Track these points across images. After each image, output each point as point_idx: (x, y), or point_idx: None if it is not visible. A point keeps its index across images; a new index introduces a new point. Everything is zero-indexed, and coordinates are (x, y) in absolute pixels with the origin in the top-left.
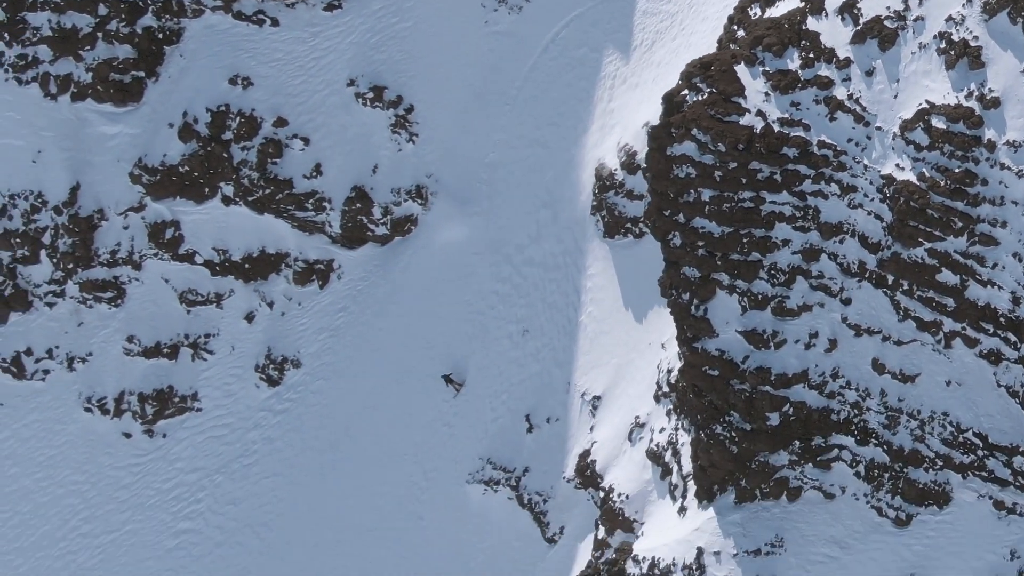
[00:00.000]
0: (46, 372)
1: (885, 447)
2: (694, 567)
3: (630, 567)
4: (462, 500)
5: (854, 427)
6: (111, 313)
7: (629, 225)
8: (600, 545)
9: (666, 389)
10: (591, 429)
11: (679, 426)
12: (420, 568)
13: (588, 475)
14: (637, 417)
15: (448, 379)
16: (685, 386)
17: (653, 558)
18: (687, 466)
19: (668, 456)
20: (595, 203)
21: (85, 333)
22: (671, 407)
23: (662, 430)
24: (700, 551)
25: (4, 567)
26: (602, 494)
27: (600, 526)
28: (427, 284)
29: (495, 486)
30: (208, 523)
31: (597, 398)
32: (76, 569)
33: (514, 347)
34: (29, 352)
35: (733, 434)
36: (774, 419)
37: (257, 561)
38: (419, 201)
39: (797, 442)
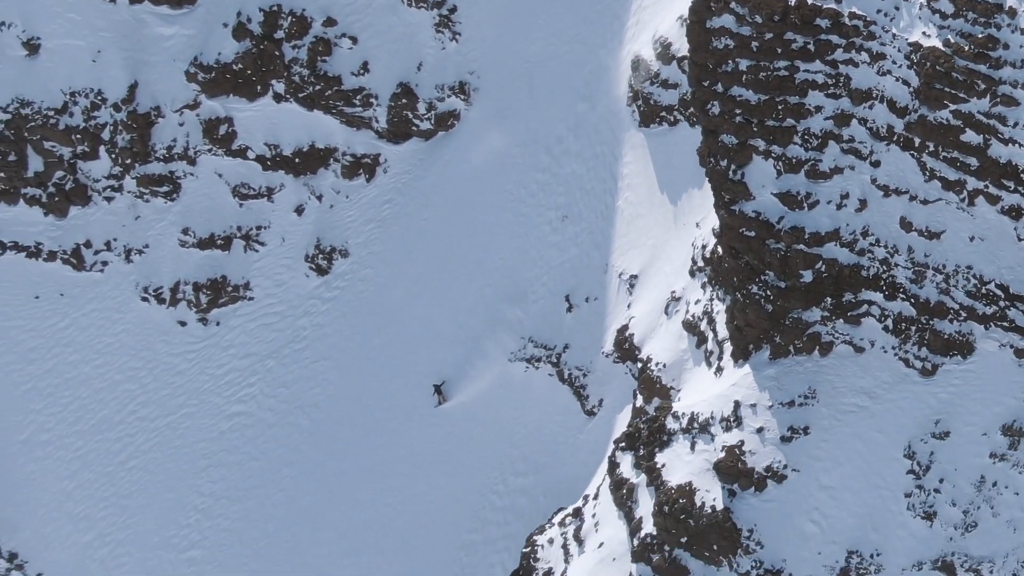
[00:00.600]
0: (104, 264)
1: (912, 301)
2: (731, 419)
3: (670, 423)
4: (504, 378)
5: (883, 282)
6: (167, 207)
7: (664, 114)
8: (638, 413)
9: (700, 264)
10: (628, 306)
11: (713, 297)
12: (466, 444)
13: (626, 348)
14: (673, 292)
15: (438, 389)
16: (721, 256)
17: (692, 413)
18: (722, 332)
19: (703, 325)
20: (631, 94)
21: (142, 226)
22: (705, 280)
23: (697, 302)
24: (737, 404)
25: (64, 449)
26: (640, 365)
27: (638, 395)
28: (469, 176)
29: (536, 363)
30: (260, 406)
31: (634, 277)
32: (134, 451)
33: (553, 232)
34: (88, 244)
35: (768, 293)
36: (807, 276)
37: (308, 440)
38: (461, 97)
39: (829, 299)
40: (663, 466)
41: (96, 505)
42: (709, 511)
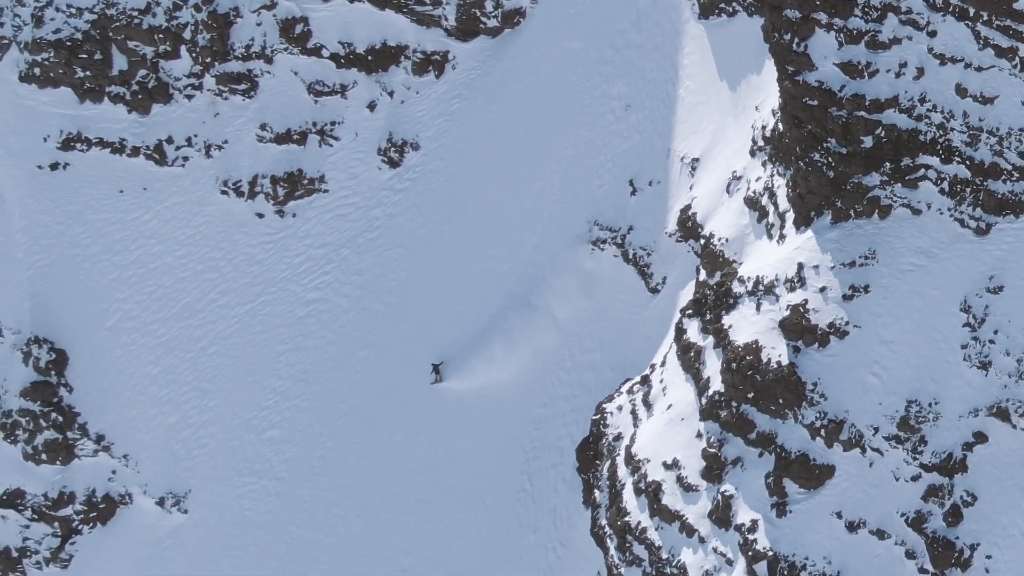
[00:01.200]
0: (186, 159)
1: (967, 163)
2: (795, 280)
3: (735, 287)
4: (571, 260)
5: (939, 146)
6: (245, 104)
7: (723, 4)
8: (701, 286)
9: (760, 144)
10: (690, 188)
11: (774, 173)
12: (534, 322)
13: (689, 227)
14: (733, 172)
15: (436, 368)
16: (781, 132)
17: (757, 276)
18: (783, 205)
19: (764, 200)
20: None
21: (221, 122)
22: (765, 158)
23: (758, 179)
24: (800, 266)
25: (148, 336)
26: (702, 242)
27: (701, 270)
28: (535, 71)
29: (602, 245)
30: (336, 292)
31: (695, 160)
32: (214, 337)
33: (617, 121)
34: (170, 140)
35: (830, 160)
36: (867, 142)
37: (382, 324)
38: None
39: (888, 163)
40: (730, 327)
41: (179, 389)
42: (775, 367)
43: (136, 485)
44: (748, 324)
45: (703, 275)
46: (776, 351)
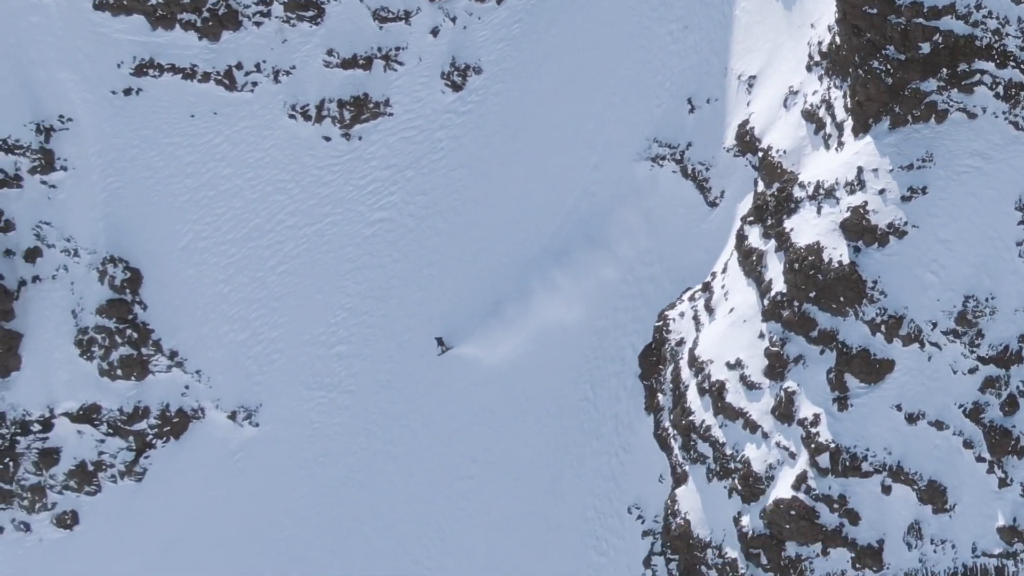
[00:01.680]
0: (255, 84)
1: (1021, 68)
2: (855, 183)
3: (796, 192)
4: (631, 177)
5: (994, 52)
6: (312, 30)
7: None
8: (759, 197)
9: (817, 59)
10: (747, 104)
11: (831, 86)
12: (592, 235)
13: (747, 141)
14: (790, 87)
15: (440, 341)
16: (839, 44)
17: (817, 181)
18: (840, 115)
19: (822, 112)
20: None
21: (289, 48)
22: (822, 73)
23: (815, 92)
24: (860, 169)
25: (219, 256)
26: (760, 155)
27: (759, 182)
28: None
29: (661, 161)
30: (401, 212)
31: (752, 77)
32: (283, 257)
33: (675, 42)
34: (239, 66)
35: (888, 67)
36: (925, 49)
37: (446, 242)
38: None
39: (944, 69)
40: (791, 230)
41: (249, 307)
42: (836, 266)
43: (208, 400)
44: (809, 227)
45: (761, 187)
46: (837, 251)
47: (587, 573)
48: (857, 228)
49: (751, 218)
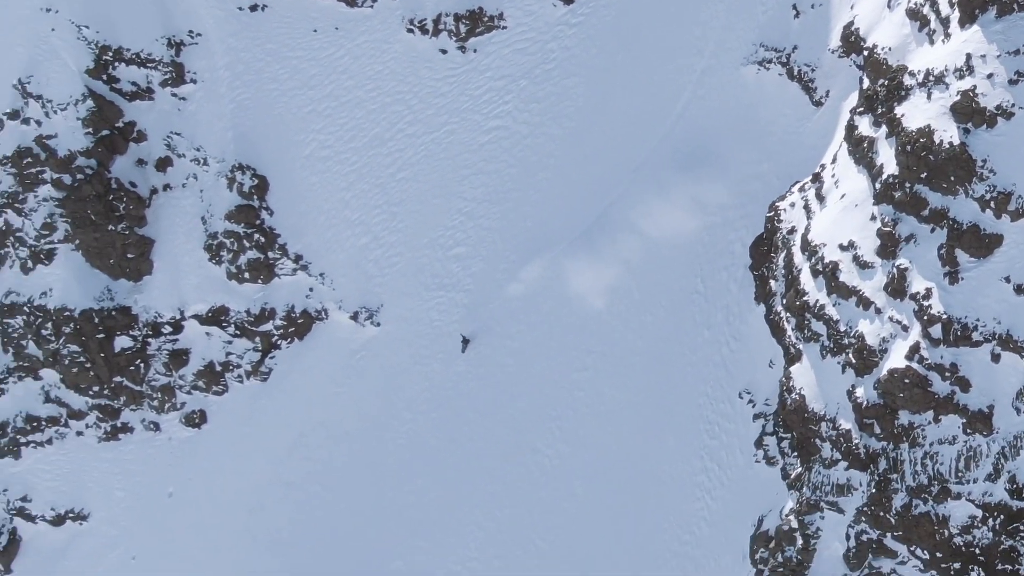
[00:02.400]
0: (374, 0)
1: None
2: (964, 69)
3: (906, 80)
4: (738, 81)
5: None
6: None
7: None
8: (863, 96)
9: None
10: (851, 7)
11: None
12: (700, 137)
13: (851, 42)
14: None
15: (464, 340)
16: None
17: (927, 69)
18: (945, 11)
19: (926, 8)
20: None
21: None
22: None
23: None
24: (968, 56)
25: (341, 164)
26: (865, 53)
27: (864, 79)
28: None
29: (767, 65)
30: (515, 120)
31: None
32: (403, 164)
33: None
34: None
35: None
36: None
37: (559, 148)
38: None
39: None
40: (902, 116)
41: (370, 212)
42: (947, 147)
43: (331, 301)
44: (919, 112)
45: (867, 83)
46: (947, 133)
47: (699, 456)
48: (966, 111)
49: (860, 109)
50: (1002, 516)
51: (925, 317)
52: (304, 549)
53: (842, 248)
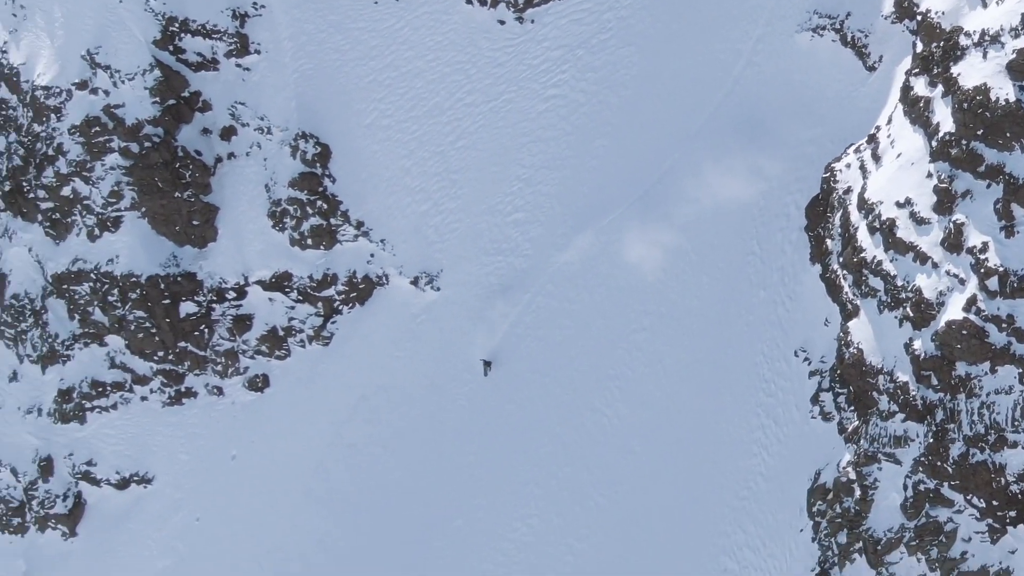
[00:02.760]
0: None
1: None
2: (1019, 27)
3: (962, 40)
4: (792, 48)
5: None
6: None
7: None
8: (919, 58)
9: None
10: None
11: None
12: (756, 104)
13: (904, 7)
14: None
15: (486, 363)
16: None
17: (982, 29)
18: None
19: None
20: None
21: None
22: None
23: None
24: (1023, 15)
25: (402, 133)
26: (919, 18)
27: (918, 43)
28: None
29: (821, 31)
30: (572, 88)
31: None
32: (462, 133)
33: None
34: None
35: None
36: None
37: (616, 115)
38: None
39: None
40: (958, 75)
41: (430, 180)
42: (1003, 104)
43: (392, 267)
44: (975, 71)
45: (920, 47)
46: (1003, 91)
47: (756, 413)
48: (1022, 68)
49: (916, 70)
50: None
51: (982, 270)
52: (365, 509)
53: (899, 205)
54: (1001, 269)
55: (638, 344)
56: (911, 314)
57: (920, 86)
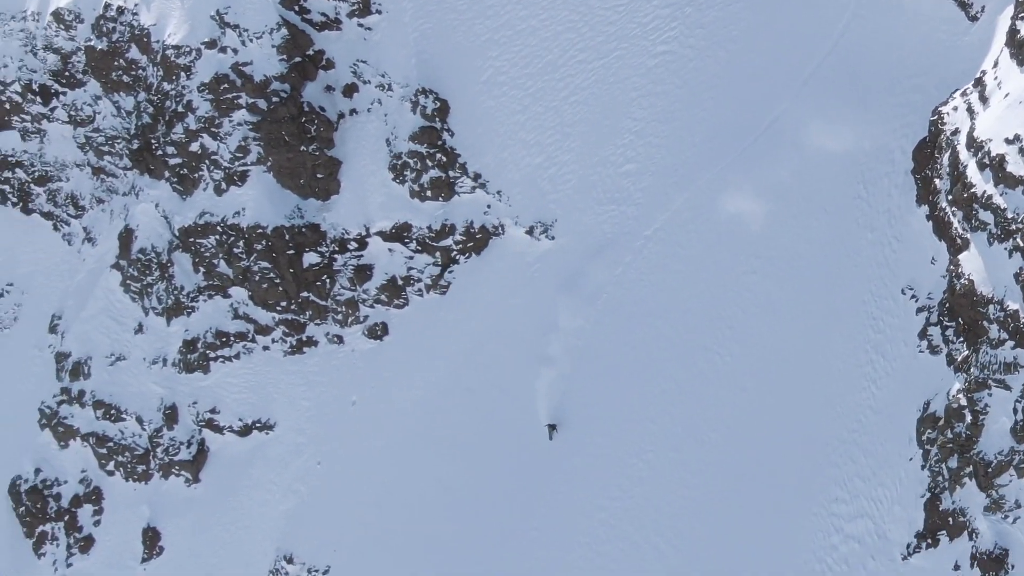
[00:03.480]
0: None
1: None
2: None
3: None
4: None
5: None
6: None
7: None
8: (1022, 3)
9: None
10: None
11: None
12: (860, 54)
13: None
14: None
15: (551, 428)
16: None
17: None
18: None
19: None
20: None
21: None
22: None
23: None
24: None
25: (517, 89)
26: None
27: None
28: None
29: None
30: (682, 44)
31: None
32: (575, 88)
33: None
34: None
35: None
36: None
37: (724, 69)
38: None
39: None
40: None
41: (544, 133)
42: None
43: (508, 217)
44: None
45: None
46: None
47: (864, 349)
48: None
49: (1022, 14)
50: None
51: None
52: (482, 452)
53: (1007, 142)
54: None
55: (748, 286)
56: (1022, 244)
57: None
